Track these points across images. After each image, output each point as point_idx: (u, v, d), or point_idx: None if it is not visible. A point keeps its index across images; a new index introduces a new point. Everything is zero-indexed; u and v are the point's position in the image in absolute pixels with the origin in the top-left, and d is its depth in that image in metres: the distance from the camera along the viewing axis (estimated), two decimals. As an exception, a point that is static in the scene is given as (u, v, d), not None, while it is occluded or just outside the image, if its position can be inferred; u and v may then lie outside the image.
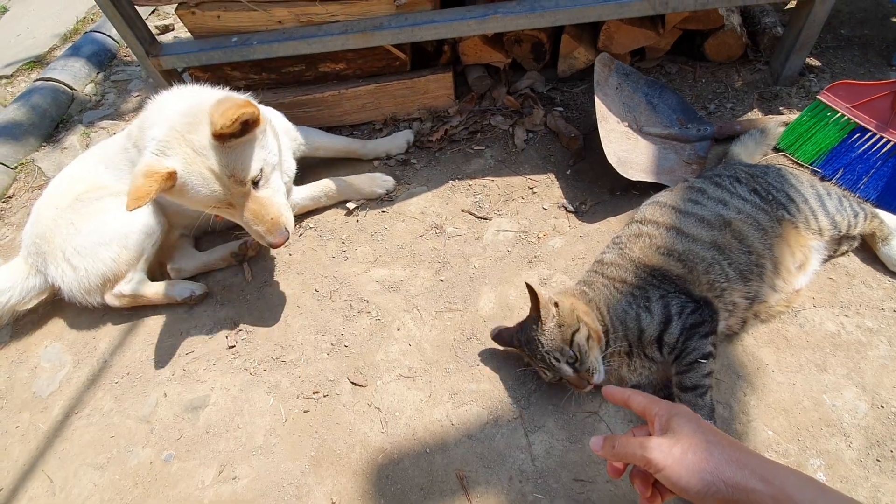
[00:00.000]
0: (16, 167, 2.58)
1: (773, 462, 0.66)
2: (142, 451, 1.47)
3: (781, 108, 1.81)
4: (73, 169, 1.82)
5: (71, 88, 2.90)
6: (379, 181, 1.88)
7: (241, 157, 1.32)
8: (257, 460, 1.37)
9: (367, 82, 2.03)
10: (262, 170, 1.36)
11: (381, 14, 1.81)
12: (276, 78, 2.10)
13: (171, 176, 1.24)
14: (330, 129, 2.21)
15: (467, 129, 2.03)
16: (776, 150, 1.69)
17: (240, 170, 1.31)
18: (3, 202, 2.48)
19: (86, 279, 1.67)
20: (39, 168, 2.57)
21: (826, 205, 1.36)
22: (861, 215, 1.36)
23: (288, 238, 1.40)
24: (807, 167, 1.63)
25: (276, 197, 1.41)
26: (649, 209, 1.45)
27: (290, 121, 1.87)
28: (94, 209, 1.68)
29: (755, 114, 1.82)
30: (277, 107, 2.10)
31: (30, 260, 1.74)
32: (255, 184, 1.36)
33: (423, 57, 2.09)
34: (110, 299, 1.70)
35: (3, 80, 3.15)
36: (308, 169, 2.02)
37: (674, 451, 0.68)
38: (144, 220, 1.68)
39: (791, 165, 1.65)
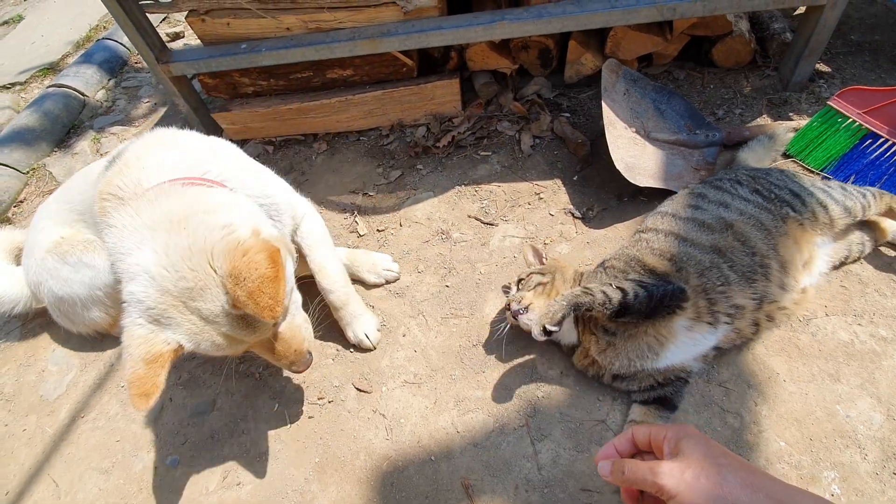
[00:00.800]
0: (28, 172, 2.62)
1: (787, 485, 0.64)
2: (147, 455, 1.47)
3: (791, 114, 1.80)
4: (46, 212, 1.64)
5: (83, 95, 2.94)
6: (380, 268, 1.63)
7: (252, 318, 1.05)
8: (261, 466, 1.36)
9: (373, 88, 2.04)
10: (285, 307, 1.09)
11: (388, 21, 1.82)
12: (285, 84, 2.12)
13: (178, 352, 0.99)
14: (336, 136, 2.23)
15: (474, 134, 2.03)
16: (786, 156, 1.68)
17: (262, 328, 1.05)
18: (15, 206, 2.51)
19: (84, 331, 1.69)
20: (51, 173, 2.60)
21: (832, 194, 1.34)
22: (869, 195, 1.35)
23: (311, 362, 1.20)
24: (817, 174, 1.61)
25: (297, 323, 1.15)
26: (651, 219, 1.44)
27: (288, 189, 1.49)
28: (69, 268, 1.53)
29: (764, 120, 1.80)
30: (285, 114, 2.13)
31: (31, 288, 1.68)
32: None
33: (430, 63, 2.09)
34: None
35: (18, 87, 3.20)
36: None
37: (685, 476, 0.66)
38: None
39: (801, 172, 1.63)
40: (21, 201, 2.53)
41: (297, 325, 1.14)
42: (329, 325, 1.53)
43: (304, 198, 1.56)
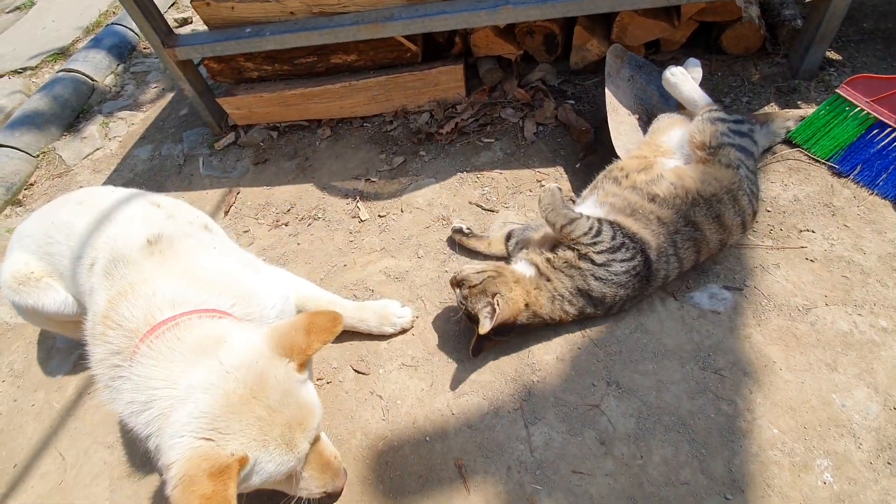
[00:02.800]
0: (38, 155, 2.66)
1: None
2: (150, 431, 1.50)
3: (800, 102, 1.77)
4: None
5: (92, 79, 2.97)
6: (392, 318, 1.51)
7: (309, 389, 1.06)
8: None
9: (378, 74, 2.04)
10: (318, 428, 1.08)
11: (392, 5, 1.82)
12: (289, 69, 2.12)
13: (243, 464, 0.90)
14: (340, 122, 2.23)
15: (477, 121, 2.02)
16: (791, 144, 1.65)
17: (317, 407, 1.05)
18: (26, 189, 2.55)
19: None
20: (60, 157, 2.64)
21: None
22: None
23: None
24: (823, 163, 1.59)
25: (326, 440, 1.14)
26: None
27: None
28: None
29: (771, 108, 1.77)
30: (290, 98, 2.14)
31: None
32: None
33: (435, 49, 2.08)
34: None
35: (28, 72, 3.24)
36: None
37: None
38: None
39: (806, 161, 1.61)
40: (32, 184, 2.57)
41: (326, 441, 1.14)
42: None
43: (288, 275, 1.57)
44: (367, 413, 1.38)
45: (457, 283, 1.34)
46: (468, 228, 1.64)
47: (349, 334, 1.53)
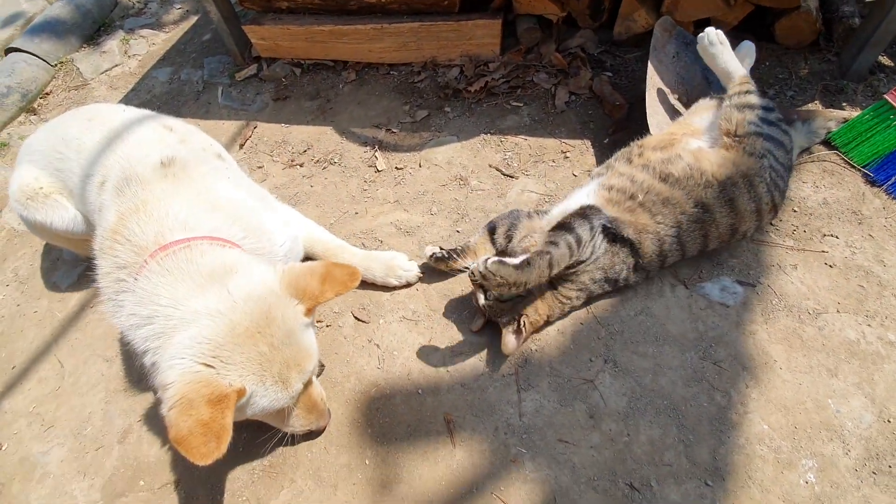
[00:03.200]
0: (56, 65, 2.60)
1: None
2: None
3: (844, 103, 1.69)
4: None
5: (115, -8, 2.88)
6: (398, 270, 1.48)
7: (311, 335, 1.07)
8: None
9: (411, 19, 1.96)
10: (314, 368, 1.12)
11: (435, -54, 1.72)
12: (320, 3, 2.04)
13: (241, 395, 0.91)
14: (367, 67, 2.16)
15: (508, 83, 1.95)
16: (829, 146, 1.59)
17: (315, 352, 1.06)
18: (41, 98, 2.51)
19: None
20: (78, 69, 2.59)
21: None
22: None
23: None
24: (859, 169, 1.53)
25: (316, 383, 1.16)
26: None
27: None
28: None
29: (815, 105, 1.70)
30: (318, 34, 2.06)
31: None
32: None
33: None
34: None
35: (51, -24, 3.13)
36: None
37: None
38: None
39: (842, 165, 1.55)
40: (47, 94, 2.53)
41: (316, 385, 1.15)
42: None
43: (298, 216, 1.55)
44: (363, 360, 1.40)
45: (481, 286, 1.27)
46: (443, 251, 1.45)
47: (353, 281, 1.53)
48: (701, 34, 1.54)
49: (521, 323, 1.24)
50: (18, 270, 1.83)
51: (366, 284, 1.51)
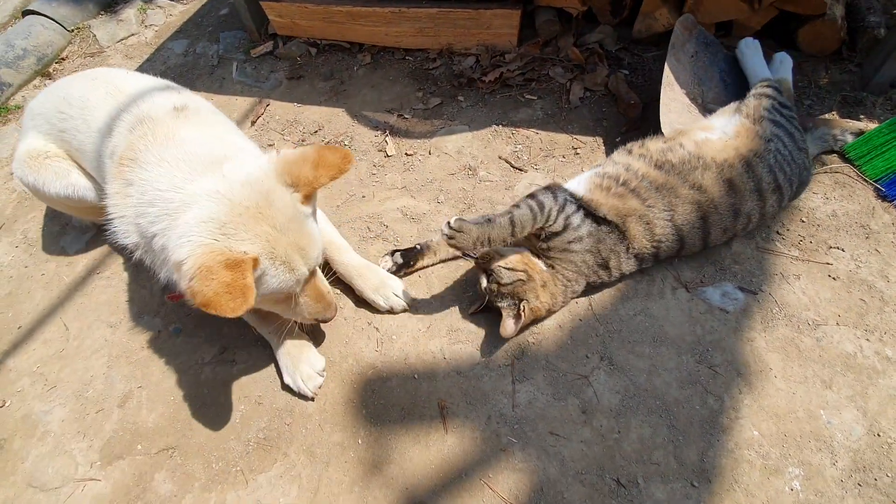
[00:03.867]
0: (72, 30, 2.61)
1: None
2: (152, 319, 1.55)
3: (862, 116, 1.67)
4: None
5: (135, -40, 2.86)
6: (389, 291, 1.42)
7: (313, 224, 1.09)
8: (256, 350, 1.43)
9: (429, 5, 1.94)
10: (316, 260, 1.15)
11: (459, -69, 1.70)
12: (339, -17, 2.02)
13: (256, 265, 0.95)
14: (382, 50, 2.15)
15: (523, 75, 1.94)
16: (844, 158, 1.58)
17: (318, 241, 1.08)
18: (57, 63, 2.52)
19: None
20: (94, 35, 2.59)
21: None
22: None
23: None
24: (871, 183, 1.52)
25: (321, 276, 1.20)
26: None
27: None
28: None
29: (832, 115, 1.68)
30: (335, 15, 2.05)
31: None
32: None
33: (494, -11, 1.97)
34: None
35: (72, -60, 3.11)
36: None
37: None
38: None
39: (854, 178, 1.54)
40: (63, 59, 2.53)
41: (322, 277, 1.20)
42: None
43: None
44: (362, 342, 1.41)
45: (484, 270, 1.29)
46: (401, 256, 1.47)
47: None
48: (742, 41, 1.64)
49: (521, 308, 1.25)
50: (28, 233, 1.85)
51: (353, 294, 1.49)
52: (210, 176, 1.03)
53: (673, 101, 1.56)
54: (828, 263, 1.40)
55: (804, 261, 1.41)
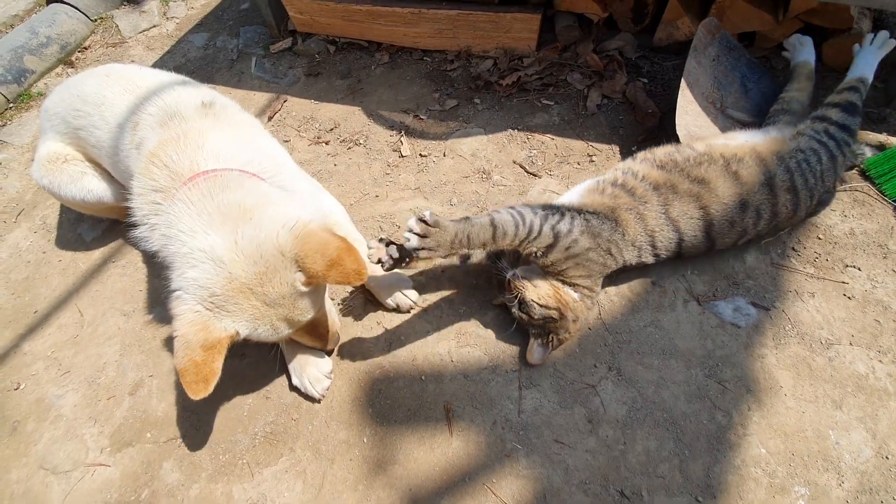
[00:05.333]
0: (95, 20, 2.64)
1: None
2: (165, 310, 1.56)
3: (885, 133, 1.65)
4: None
5: (159, -48, 2.89)
6: (399, 292, 1.44)
7: (318, 293, 1.11)
8: (266, 346, 1.44)
9: (450, 6, 1.94)
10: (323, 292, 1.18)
11: (482, -66, 1.70)
12: (360, -18, 2.03)
13: (233, 339, 1.01)
14: (400, 50, 2.15)
15: (541, 80, 1.93)
16: (864, 175, 1.56)
17: (314, 307, 1.10)
18: (80, 52, 2.55)
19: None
20: (117, 26, 2.62)
21: None
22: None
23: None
24: (889, 203, 1.50)
25: (329, 308, 1.22)
26: None
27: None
28: None
29: (853, 132, 1.66)
30: (355, 14, 2.06)
31: None
32: None
33: (515, -8, 1.96)
34: None
35: (98, -70, 3.15)
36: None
37: None
38: None
39: (873, 196, 1.52)
40: (86, 48, 2.57)
41: (329, 309, 1.22)
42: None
43: (327, 193, 1.57)
44: (371, 342, 1.42)
45: (513, 294, 1.25)
46: (397, 250, 1.27)
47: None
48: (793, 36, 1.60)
49: (551, 339, 1.25)
50: (47, 219, 1.88)
51: (364, 290, 1.50)
52: (225, 234, 1.02)
53: (690, 103, 1.54)
54: (843, 282, 1.38)
55: (819, 278, 1.39)
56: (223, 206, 1.05)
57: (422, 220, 1.09)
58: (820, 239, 1.46)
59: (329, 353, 1.34)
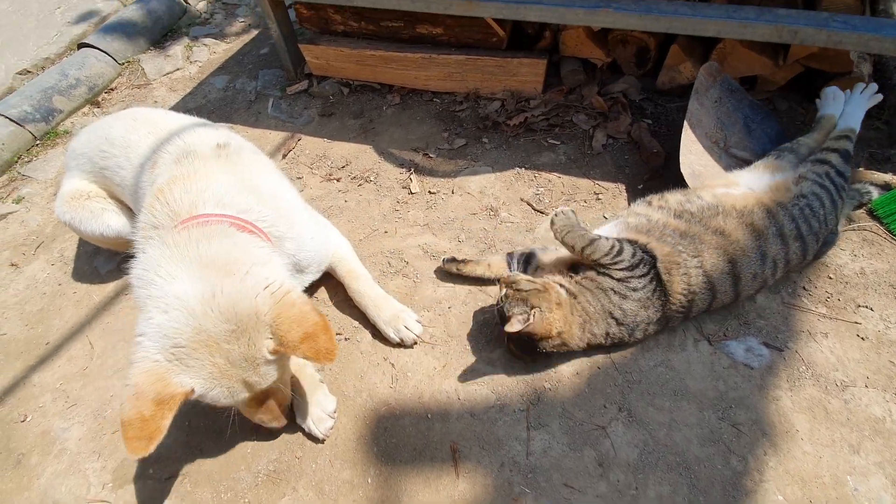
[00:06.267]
0: (123, 63, 2.78)
1: None
2: (173, 342, 1.58)
3: (890, 172, 1.66)
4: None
5: (186, 2, 3.08)
6: (401, 323, 1.43)
7: (283, 365, 1.09)
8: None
9: (459, 52, 2.03)
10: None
11: (491, -14, 1.79)
12: (374, 29, 2.14)
13: (188, 397, 0.96)
14: (411, 92, 2.24)
15: (547, 120, 1.99)
16: (872, 215, 1.56)
17: (276, 376, 1.07)
18: (106, 93, 2.68)
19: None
20: (143, 69, 2.76)
21: None
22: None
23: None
24: (899, 242, 1.50)
25: (287, 382, 1.19)
26: None
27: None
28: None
29: (860, 170, 1.68)
30: (368, 58, 2.15)
31: None
32: None
33: (521, 38, 2.05)
34: None
35: (130, -18, 3.37)
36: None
37: None
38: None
39: (883, 235, 1.52)
40: (112, 89, 2.70)
41: (286, 384, 1.18)
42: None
43: (333, 228, 1.60)
44: (377, 378, 1.41)
45: (506, 282, 1.32)
46: (456, 259, 1.55)
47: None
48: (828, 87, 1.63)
49: (532, 313, 1.24)
50: (64, 252, 1.93)
51: (370, 326, 1.50)
52: (204, 284, 0.99)
53: (693, 142, 1.58)
54: (856, 322, 1.36)
55: (832, 318, 1.38)
56: (207, 257, 1.03)
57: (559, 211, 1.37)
58: (831, 278, 1.45)
59: (276, 433, 1.29)
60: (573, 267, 1.38)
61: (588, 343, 1.31)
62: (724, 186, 1.44)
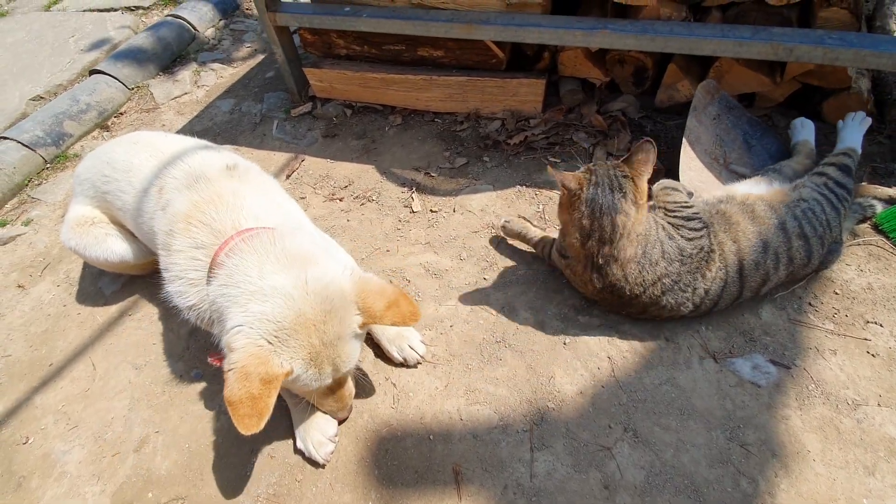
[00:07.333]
0: (132, 88, 2.85)
1: None
2: (175, 363, 1.58)
3: (894, 186, 1.65)
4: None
5: (195, 28, 3.16)
6: (405, 343, 1.44)
7: (356, 345, 1.14)
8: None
9: (459, 74, 2.06)
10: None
11: (490, 9, 1.84)
12: (376, 53, 2.18)
13: (287, 376, 1.02)
14: (412, 112, 2.27)
15: (547, 139, 2.01)
16: (877, 230, 1.54)
17: (353, 359, 1.14)
18: (116, 117, 2.74)
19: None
20: (152, 94, 2.82)
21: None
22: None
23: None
24: (907, 256, 1.48)
25: (353, 376, 1.27)
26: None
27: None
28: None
29: (863, 184, 1.67)
30: (370, 81, 2.19)
31: None
32: None
33: (520, 59, 2.09)
34: None
35: (140, 11, 3.48)
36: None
37: None
38: None
39: (889, 250, 1.50)
40: (121, 114, 2.76)
41: (350, 385, 1.25)
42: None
43: (339, 247, 1.62)
44: (378, 398, 1.40)
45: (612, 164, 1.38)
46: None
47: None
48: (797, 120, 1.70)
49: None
50: (70, 273, 1.95)
51: (374, 345, 1.50)
52: (294, 275, 1.07)
53: (693, 159, 1.58)
54: (866, 339, 1.33)
55: (840, 335, 1.35)
56: (289, 252, 1.12)
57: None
58: (837, 294, 1.43)
59: (341, 422, 1.34)
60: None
61: (632, 284, 1.28)
62: (724, 192, 1.46)
